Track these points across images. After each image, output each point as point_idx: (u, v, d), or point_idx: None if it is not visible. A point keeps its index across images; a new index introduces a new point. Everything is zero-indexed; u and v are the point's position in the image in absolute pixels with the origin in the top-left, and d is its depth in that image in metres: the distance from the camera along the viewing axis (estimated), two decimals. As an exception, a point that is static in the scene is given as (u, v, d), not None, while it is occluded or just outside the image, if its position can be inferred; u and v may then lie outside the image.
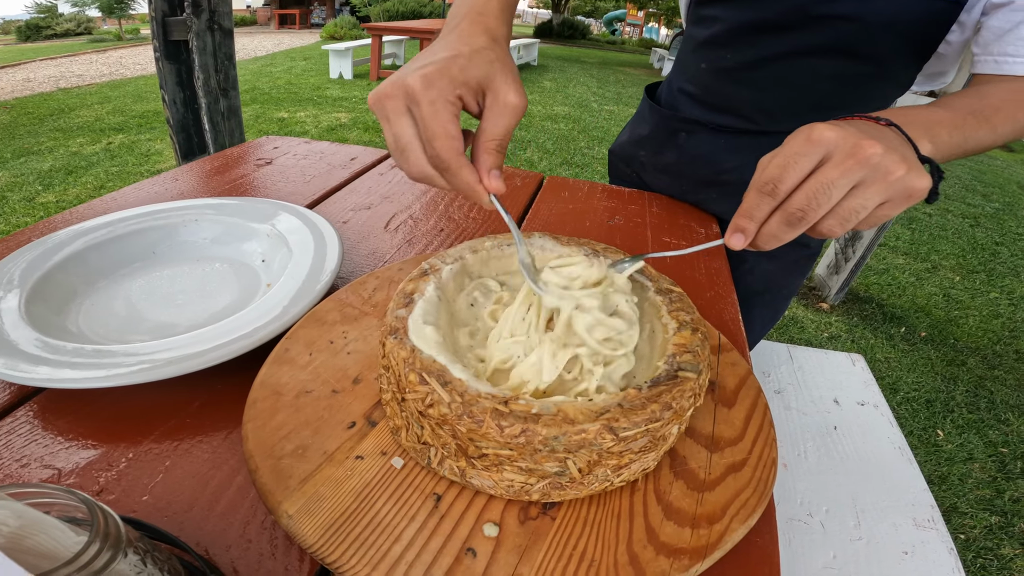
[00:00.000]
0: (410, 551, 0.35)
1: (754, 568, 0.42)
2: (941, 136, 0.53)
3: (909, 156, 0.43)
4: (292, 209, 0.75)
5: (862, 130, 0.43)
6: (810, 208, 0.41)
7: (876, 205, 0.42)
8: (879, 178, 0.41)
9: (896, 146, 0.43)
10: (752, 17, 0.84)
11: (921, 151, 0.48)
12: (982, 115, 0.60)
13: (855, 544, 0.97)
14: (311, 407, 0.43)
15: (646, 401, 0.35)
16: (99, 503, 0.28)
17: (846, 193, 0.41)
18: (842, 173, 0.41)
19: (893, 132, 0.47)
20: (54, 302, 0.59)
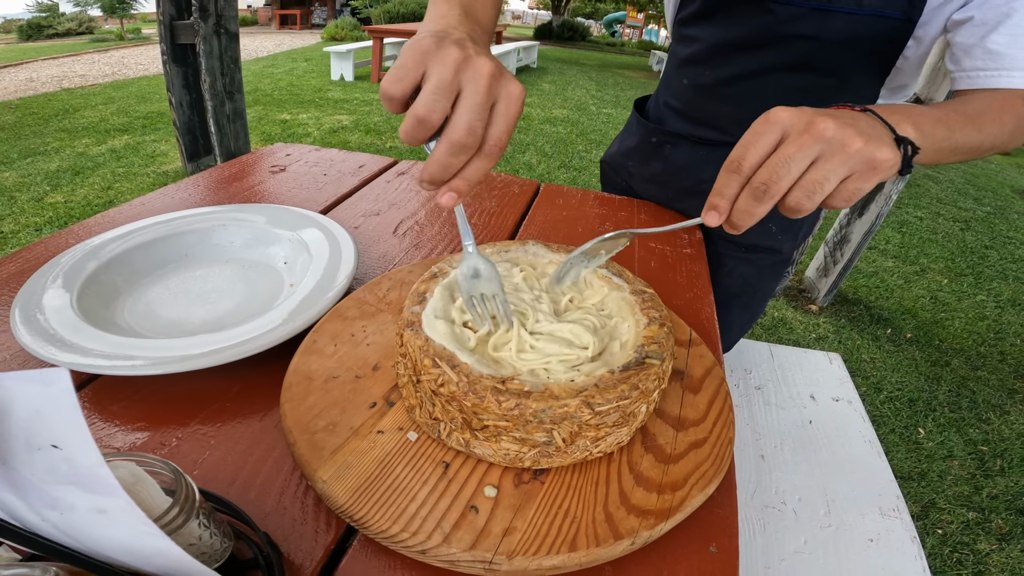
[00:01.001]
0: (423, 509, 0.43)
1: (715, 534, 0.49)
2: (924, 124, 0.53)
3: (871, 132, 0.45)
4: (309, 215, 0.83)
5: (822, 112, 0.46)
6: (772, 181, 0.44)
7: (840, 178, 0.45)
8: (836, 151, 0.44)
9: (856, 124, 0.45)
10: (727, 36, 0.91)
11: (899, 132, 0.49)
12: (967, 116, 0.62)
13: (825, 531, 1.05)
14: (338, 390, 0.51)
15: (617, 382, 0.43)
16: (185, 475, 0.36)
17: (808, 167, 0.44)
18: (798, 148, 0.44)
19: (867, 116, 0.49)
20: (102, 299, 0.66)
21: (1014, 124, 0.66)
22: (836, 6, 0.79)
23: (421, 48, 0.42)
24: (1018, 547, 1.93)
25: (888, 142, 0.46)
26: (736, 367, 1.39)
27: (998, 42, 0.72)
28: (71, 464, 0.25)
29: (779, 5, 0.82)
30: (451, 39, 0.43)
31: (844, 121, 0.45)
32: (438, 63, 0.41)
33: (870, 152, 0.44)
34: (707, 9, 0.92)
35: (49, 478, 0.26)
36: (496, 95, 0.43)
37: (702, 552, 0.48)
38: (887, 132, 0.48)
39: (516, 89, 0.44)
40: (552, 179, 4.52)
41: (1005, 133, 0.66)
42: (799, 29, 0.83)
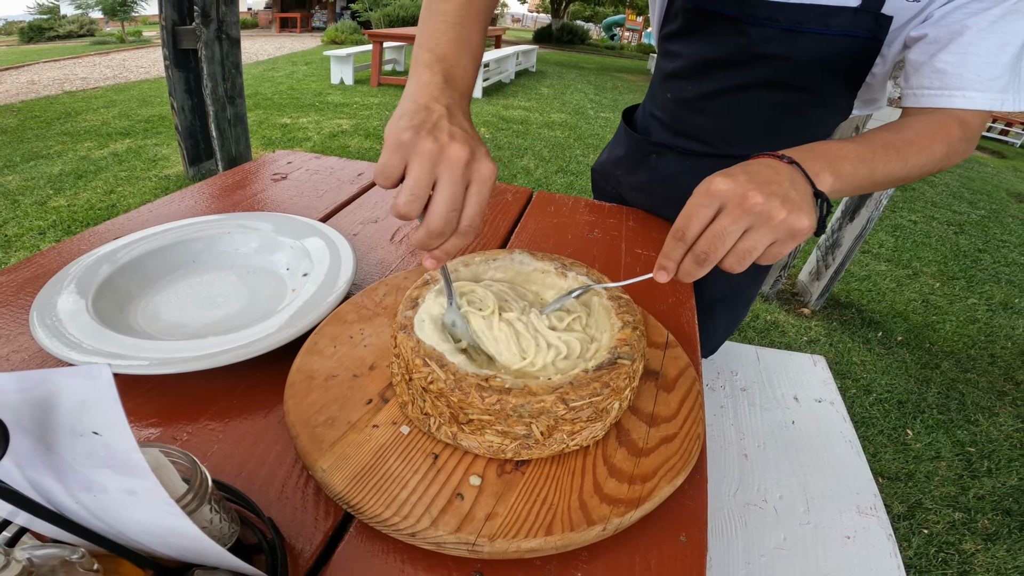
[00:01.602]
0: (413, 495, 0.47)
1: (685, 525, 0.54)
2: (845, 169, 0.60)
3: (794, 198, 0.51)
4: (311, 224, 0.87)
5: (754, 178, 0.52)
6: (712, 250, 0.51)
7: (766, 245, 0.51)
8: (764, 223, 0.50)
9: (781, 190, 0.51)
10: (707, 53, 0.95)
11: (819, 186, 0.56)
12: (894, 148, 0.66)
13: (804, 528, 1.09)
14: (337, 388, 0.55)
15: (591, 380, 0.47)
16: (200, 464, 0.40)
17: (740, 236, 0.51)
18: (732, 220, 0.50)
19: (791, 170, 0.55)
20: (116, 303, 0.71)
21: (944, 151, 0.70)
22: (805, 27, 0.83)
23: (400, 139, 0.47)
24: (1003, 547, 1.96)
25: (807, 207, 0.52)
26: (723, 369, 1.43)
27: (946, 60, 0.75)
28: (109, 449, 0.29)
29: (753, 27, 0.86)
30: (428, 125, 0.48)
31: (771, 190, 0.51)
32: (416, 159, 0.46)
33: (791, 223, 0.50)
34: (688, 27, 0.95)
35: (88, 462, 0.30)
36: (469, 178, 0.48)
37: (672, 541, 0.52)
38: (807, 189, 0.54)
39: (486, 170, 0.49)
40: (549, 183, 4.56)
41: (934, 161, 0.70)
42: (772, 49, 0.87)
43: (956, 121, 0.72)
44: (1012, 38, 0.73)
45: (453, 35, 0.60)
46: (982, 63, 0.73)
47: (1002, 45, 0.73)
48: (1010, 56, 0.73)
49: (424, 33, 0.61)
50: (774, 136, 0.99)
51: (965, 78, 0.73)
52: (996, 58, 0.73)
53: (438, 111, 0.50)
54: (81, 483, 0.31)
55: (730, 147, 1.03)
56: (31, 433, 0.29)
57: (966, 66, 0.73)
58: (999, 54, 0.72)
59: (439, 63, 0.56)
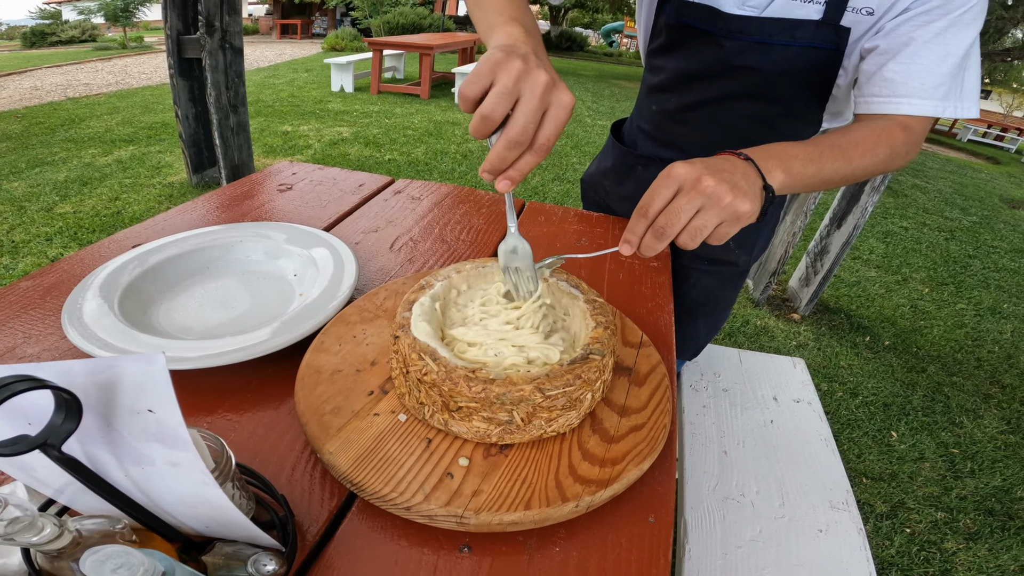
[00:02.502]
0: (409, 474, 0.53)
1: (654, 507, 0.60)
2: (795, 167, 0.68)
3: (742, 185, 0.59)
4: (316, 233, 0.94)
5: (709, 166, 0.59)
6: (668, 225, 0.58)
7: (715, 225, 0.58)
8: (713, 204, 0.57)
9: (732, 178, 0.59)
10: (688, 67, 1.03)
11: (770, 181, 0.64)
12: (840, 149, 0.74)
13: (778, 521, 1.15)
14: (342, 381, 0.62)
15: (564, 373, 0.54)
16: (226, 446, 0.47)
17: (693, 215, 0.58)
18: (687, 200, 0.57)
19: (745, 165, 0.63)
20: (139, 305, 0.77)
21: (887, 153, 0.77)
22: (774, 39, 0.90)
23: (493, 59, 0.52)
24: (985, 546, 2.02)
25: (752, 195, 0.59)
26: (706, 370, 1.49)
27: (894, 70, 0.81)
28: (160, 425, 0.35)
29: (728, 40, 0.93)
30: (518, 53, 0.53)
31: (723, 177, 0.58)
32: (504, 72, 0.51)
33: (736, 206, 0.57)
34: (671, 42, 1.02)
35: (141, 436, 0.37)
36: (548, 102, 0.53)
37: (642, 522, 0.58)
38: (758, 180, 0.62)
39: (567, 98, 0.53)
40: (546, 191, 4.63)
41: (877, 163, 0.77)
42: (746, 61, 0.94)
43: (900, 127, 0.79)
44: (955, 48, 0.79)
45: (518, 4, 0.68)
46: (926, 72, 0.79)
47: (944, 55, 0.79)
48: (951, 66, 0.79)
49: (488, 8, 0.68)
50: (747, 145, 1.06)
51: (910, 87, 0.79)
52: (939, 68, 0.79)
53: (525, 48, 0.55)
54: (133, 456, 0.38)
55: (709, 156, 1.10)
56: (96, 411, 0.35)
57: (911, 75, 0.79)
58: (941, 64, 0.79)
59: (515, 22, 0.63)
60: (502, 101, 0.51)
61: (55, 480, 0.41)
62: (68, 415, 0.33)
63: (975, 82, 0.83)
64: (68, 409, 0.33)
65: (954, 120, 14.67)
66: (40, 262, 2.86)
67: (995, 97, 21.63)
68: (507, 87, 0.51)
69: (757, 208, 0.60)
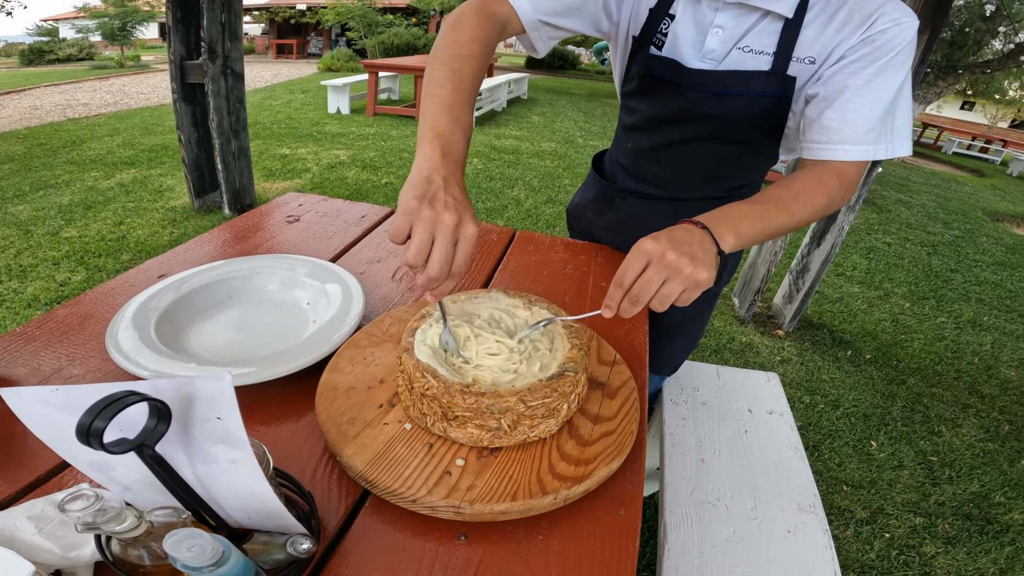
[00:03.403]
0: (414, 473, 0.64)
1: (625, 503, 0.70)
2: (743, 229, 0.78)
3: (700, 256, 0.69)
4: (325, 265, 1.05)
5: (673, 240, 0.70)
6: (641, 294, 0.69)
7: (679, 292, 0.69)
8: (676, 275, 0.68)
9: (692, 250, 0.70)
10: (658, 111, 1.13)
11: (722, 245, 0.75)
12: (783, 204, 0.84)
13: (750, 523, 1.25)
14: (355, 396, 0.73)
15: (543, 387, 0.65)
16: (267, 451, 0.57)
17: (660, 285, 0.69)
18: (656, 273, 0.68)
19: (702, 234, 0.74)
20: (173, 330, 0.88)
21: (825, 201, 0.87)
22: (731, 90, 1.00)
23: (409, 208, 0.64)
24: (963, 550, 2.10)
25: (708, 263, 0.70)
26: (686, 385, 1.60)
27: (831, 118, 0.89)
28: (225, 429, 0.46)
29: (690, 91, 1.03)
30: (427, 197, 0.64)
31: (683, 250, 0.70)
32: (418, 224, 0.63)
33: (695, 276, 0.69)
34: (642, 88, 1.12)
35: (210, 439, 0.47)
36: (458, 237, 0.64)
37: (614, 515, 0.69)
38: (712, 247, 0.73)
39: (471, 232, 0.64)
40: (539, 214, 4.73)
41: (816, 211, 0.87)
42: (707, 109, 1.04)
43: (835, 173, 0.89)
44: (883, 94, 0.87)
45: (448, 116, 0.76)
46: (858, 119, 0.87)
47: (874, 101, 0.87)
48: (881, 111, 0.87)
49: (425, 115, 0.77)
50: (715, 181, 1.18)
51: (844, 134, 0.88)
52: (869, 114, 0.87)
53: (437, 183, 0.67)
54: (201, 455, 0.48)
55: (680, 191, 1.21)
56: (178, 419, 0.45)
57: (846, 122, 0.88)
58: (871, 110, 0.87)
59: (438, 139, 0.73)
60: (421, 253, 0.63)
61: (127, 478, 0.52)
62: (160, 421, 0.43)
63: (905, 121, 0.92)
64: (160, 417, 0.43)
65: (940, 132, 14.91)
66: (49, 286, 2.95)
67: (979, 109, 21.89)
68: (422, 239, 0.63)
69: (713, 274, 0.71)
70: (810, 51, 0.93)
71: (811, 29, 0.92)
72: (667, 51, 1.04)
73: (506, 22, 0.97)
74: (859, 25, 0.88)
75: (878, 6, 0.87)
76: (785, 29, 0.93)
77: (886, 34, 0.87)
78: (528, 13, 0.99)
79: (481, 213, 4.63)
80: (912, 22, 0.87)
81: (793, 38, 0.93)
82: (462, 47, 0.85)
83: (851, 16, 0.89)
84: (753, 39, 0.96)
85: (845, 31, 0.89)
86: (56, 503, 0.58)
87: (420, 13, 20.83)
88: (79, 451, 0.48)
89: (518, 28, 1.00)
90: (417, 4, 16.21)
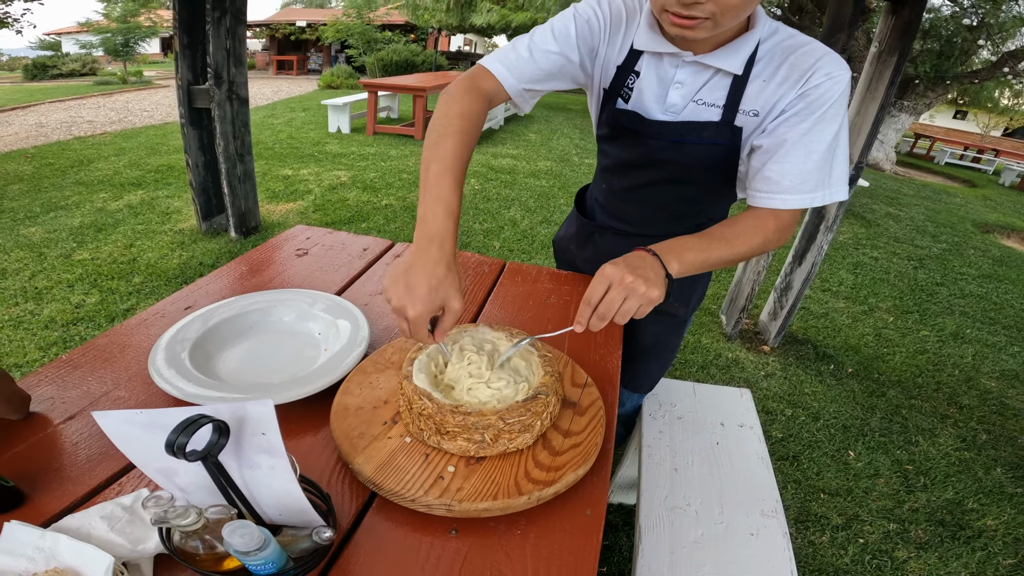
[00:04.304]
0: (413, 478, 0.77)
1: (591, 503, 0.83)
2: (687, 258, 0.92)
3: (652, 278, 0.84)
4: (333, 299, 1.19)
5: (629, 265, 0.85)
6: (607, 311, 0.83)
7: (636, 307, 0.83)
8: (634, 294, 0.82)
9: (645, 273, 0.84)
10: (626, 157, 1.25)
11: (669, 270, 0.89)
12: (725, 240, 0.96)
13: (717, 526, 1.37)
14: (364, 415, 0.87)
15: (519, 407, 0.79)
16: (295, 462, 0.70)
17: (621, 303, 0.83)
18: (617, 293, 0.83)
19: (653, 260, 0.88)
20: (204, 358, 1.02)
21: (761, 241, 1.00)
22: (686, 139, 1.11)
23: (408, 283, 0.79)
24: (935, 555, 2.20)
25: (659, 283, 0.85)
26: (664, 401, 1.74)
27: (772, 168, 0.98)
28: (268, 442, 0.59)
29: (651, 140, 1.15)
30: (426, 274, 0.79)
31: (638, 273, 0.84)
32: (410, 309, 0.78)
33: (648, 294, 0.83)
34: (612, 135, 1.24)
35: (256, 450, 0.61)
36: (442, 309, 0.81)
37: (581, 514, 0.82)
38: (661, 272, 0.87)
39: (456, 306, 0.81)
40: (534, 235, 4.84)
41: (753, 248, 1.00)
42: (667, 156, 1.16)
43: (773, 218, 1.01)
44: (818, 145, 0.96)
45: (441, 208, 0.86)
46: (794, 171, 0.97)
47: (809, 153, 0.96)
48: (816, 162, 0.96)
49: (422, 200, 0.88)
50: (680, 220, 1.31)
51: (783, 184, 0.98)
52: (804, 165, 0.96)
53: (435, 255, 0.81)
54: (248, 463, 0.62)
55: (650, 228, 1.34)
56: (233, 434, 0.59)
57: (784, 174, 0.97)
58: (806, 161, 0.96)
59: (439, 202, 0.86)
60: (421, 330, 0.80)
61: (185, 482, 0.65)
62: (222, 436, 0.57)
63: (842, 168, 1.00)
64: (222, 433, 0.57)
65: (932, 143, 15.05)
66: (64, 308, 3.08)
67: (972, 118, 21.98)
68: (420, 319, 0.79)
69: (663, 293, 0.86)
70: (754, 104, 1.02)
71: (755, 84, 1.01)
72: (633, 104, 1.14)
73: (493, 95, 1.08)
74: (797, 80, 0.97)
75: (814, 61, 0.96)
76: (734, 84, 1.03)
77: (819, 88, 0.95)
78: (514, 85, 1.08)
79: (478, 234, 4.76)
80: (844, 74, 0.95)
81: (740, 92, 1.03)
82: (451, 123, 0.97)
83: (791, 71, 0.97)
84: (707, 93, 1.06)
85: (785, 86, 0.98)
86: (124, 505, 0.72)
87: (418, 30, 21.12)
88: (151, 459, 0.62)
89: (504, 97, 1.10)
90: (415, 21, 16.49)
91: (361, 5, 19.10)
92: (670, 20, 0.91)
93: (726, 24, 0.90)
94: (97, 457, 0.84)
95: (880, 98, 2.67)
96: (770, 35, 1.01)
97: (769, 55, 1.01)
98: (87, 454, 0.84)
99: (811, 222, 3.10)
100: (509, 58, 1.08)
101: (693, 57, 1.03)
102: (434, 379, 0.87)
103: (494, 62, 1.08)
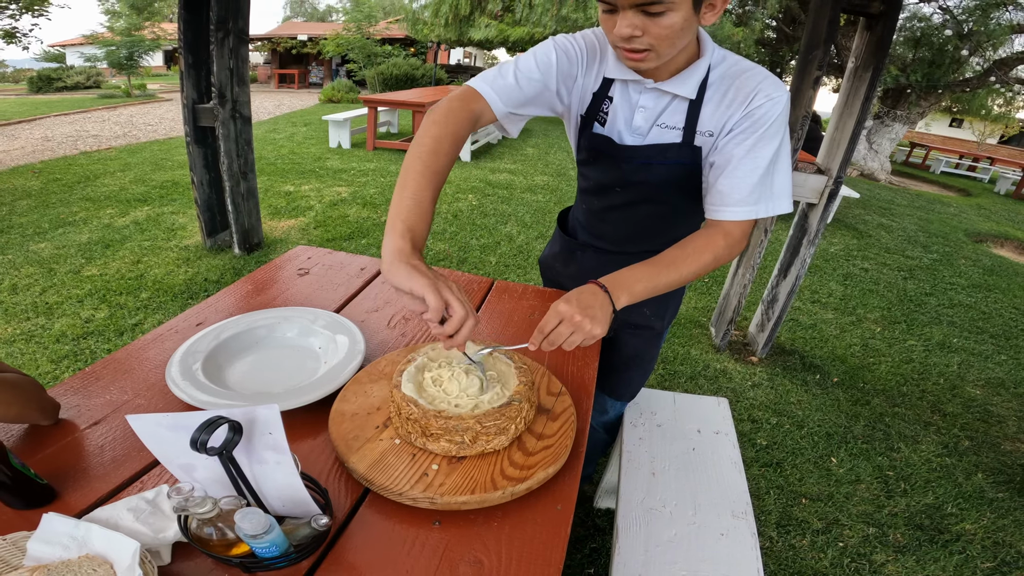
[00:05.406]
0: (401, 475, 0.88)
1: (561, 499, 0.93)
2: (636, 289, 1.02)
3: (599, 315, 0.95)
4: (332, 316, 1.30)
5: (580, 302, 0.95)
6: (556, 341, 0.94)
7: (580, 340, 0.94)
8: (579, 330, 0.93)
9: (593, 312, 0.94)
10: (602, 179, 1.34)
11: (617, 305, 0.99)
12: (674, 264, 1.05)
13: (690, 527, 1.46)
14: (358, 420, 0.97)
15: (494, 412, 0.89)
16: (298, 460, 0.81)
17: (568, 336, 0.94)
18: (565, 328, 0.94)
19: (603, 296, 0.98)
20: (216, 370, 1.12)
21: (711, 258, 1.09)
22: (654, 160, 1.18)
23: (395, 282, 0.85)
24: (913, 558, 2.27)
25: (604, 321, 0.96)
26: (645, 410, 1.84)
27: (722, 183, 1.07)
28: (274, 440, 0.70)
29: (624, 163, 1.24)
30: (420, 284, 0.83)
31: (587, 312, 0.95)
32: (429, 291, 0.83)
33: (592, 331, 0.95)
34: (589, 159, 1.33)
35: (264, 446, 0.71)
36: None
37: (552, 508, 0.92)
38: (608, 308, 0.99)
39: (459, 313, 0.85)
40: (530, 250, 4.91)
41: (703, 267, 1.08)
42: (638, 177, 1.25)
43: (722, 234, 1.10)
44: (761, 161, 1.05)
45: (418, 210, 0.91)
46: (741, 184, 1.06)
47: (754, 167, 1.05)
48: (759, 176, 1.05)
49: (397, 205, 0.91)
50: (654, 237, 1.39)
51: (731, 197, 1.07)
52: (749, 179, 1.06)
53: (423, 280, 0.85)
54: (257, 458, 0.73)
55: (629, 246, 1.44)
56: (245, 433, 0.70)
57: (732, 188, 1.07)
58: (750, 176, 1.05)
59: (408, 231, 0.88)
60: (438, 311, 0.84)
61: (202, 475, 0.76)
62: (236, 434, 0.68)
63: (783, 181, 1.10)
64: (236, 432, 0.68)
65: (927, 152, 15.15)
66: (74, 323, 3.19)
67: (967, 126, 21.99)
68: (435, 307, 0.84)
69: (606, 329, 0.97)
70: (708, 125, 1.11)
71: (708, 107, 1.10)
72: (608, 128, 1.22)
73: (480, 114, 1.12)
74: (742, 102, 1.06)
75: (756, 84, 1.05)
76: (690, 107, 1.11)
77: (761, 108, 1.04)
78: (500, 107, 1.13)
79: (475, 250, 4.86)
80: (783, 96, 1.05)
81: (696, 114, 1.12)
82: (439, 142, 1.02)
83: (737, 94, 1.07)
84: (668, 116, 1.15)
85: (732, 107, 1.07)
86: (147, 499, 0.82)
87: (418, 44, 21.36)
88: (175, 456, 0.73)
89: (491, 118, 1.17)
90: (415, 35, 16.69)
91: (361, 19, 19.36)
92: (622, 55, 1.03)
93: (667, 53, 1.00)
94: (121, 458, 0.94)
95: (856, 112, 2.78)
96: (719, 62, 1.11)
97: (719, 80, 1.10)
98: (112, 455, 0.94)
99: (795, 236, 3.20)
100: (497, 83, 1.13)
101: (653, 84, 1.13)
102: (420, 388, 0.97)
103: (484, 84, 1.13)
